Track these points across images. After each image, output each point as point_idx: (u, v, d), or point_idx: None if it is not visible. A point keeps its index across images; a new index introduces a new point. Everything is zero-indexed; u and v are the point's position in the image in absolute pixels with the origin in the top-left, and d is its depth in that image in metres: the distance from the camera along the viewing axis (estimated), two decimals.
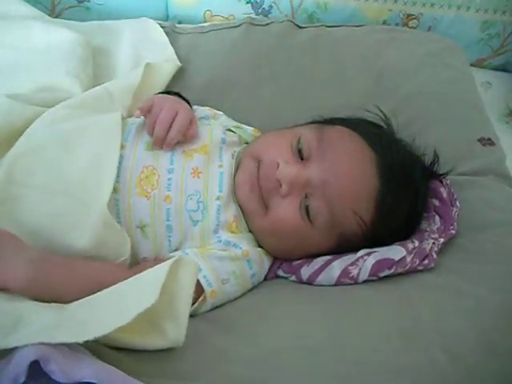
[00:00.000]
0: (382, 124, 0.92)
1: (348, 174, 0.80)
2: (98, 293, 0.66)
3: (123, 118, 0.86)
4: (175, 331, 0.62)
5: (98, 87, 0.94)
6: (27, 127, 0.83)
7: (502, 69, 1.37)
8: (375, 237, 0.82)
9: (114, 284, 0.67)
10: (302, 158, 0.83)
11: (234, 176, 0.84)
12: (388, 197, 0.81)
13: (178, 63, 1.08)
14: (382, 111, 0.92)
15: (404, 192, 0.83)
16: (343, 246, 0.83)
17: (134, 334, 0.58)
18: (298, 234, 0.81)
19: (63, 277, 0.70)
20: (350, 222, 0.80)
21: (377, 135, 0.86)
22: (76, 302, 0.65)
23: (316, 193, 0.80)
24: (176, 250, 0.81)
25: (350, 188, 0.80)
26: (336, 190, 0.79)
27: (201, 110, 0.98)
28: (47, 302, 0.66)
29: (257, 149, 0.86)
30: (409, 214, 0.84)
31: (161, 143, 0.82)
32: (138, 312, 0.57)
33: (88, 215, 0.75)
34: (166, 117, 0.82)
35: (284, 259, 0.86)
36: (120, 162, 0.80)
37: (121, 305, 0.61)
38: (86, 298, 0.66)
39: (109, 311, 0.60)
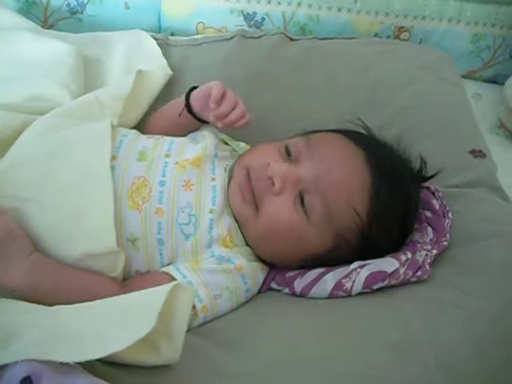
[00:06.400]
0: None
1: (339, 168, 0.81)
2: (93, 305, 0.65)
3: (113, 127, 0.86)
4: (170, 351, 0.62)
5: (87, 94, 0.94)
6: (18, 136, 0.83)
7: (493, 81, 1.39)
8: (371, 237, 0.81)
9: (105, 297, 0.67)
10: (291, 161, 0.83)
11: (228, 189, 0.84)
12: (381, 192, 0.81)
13: (170, 71, 1.08)
14: (363, 123, 0.93)
15: (397, 188, 0.82)
16: (340, 248, 0.82)
17: (127, 351, 0.57)
18: (293, 231, 0.80)
19: (51, 286, 0.72)
20: (345, 218, 0.80)
21: (362, 138, 0.88)
22: (69, 313, 0.65)
23: (309, 188, 0.80)
24: (168, 263, 0.80)
25: (342, 181, 0.80)
26: (329, 184, 0.80)
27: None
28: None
29: (247, 159, 0.87)
30: (403, 213, 0.84)
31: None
32: (133, 340, 0.57)
33: (80, 231, 0.75)
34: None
35: (281, 266, 0.86)
36: (111, 173, 0.79)
37: (116, 328, 0.61)
38: (81, 308, 0.65)
39: (104, 333, 0.60)
